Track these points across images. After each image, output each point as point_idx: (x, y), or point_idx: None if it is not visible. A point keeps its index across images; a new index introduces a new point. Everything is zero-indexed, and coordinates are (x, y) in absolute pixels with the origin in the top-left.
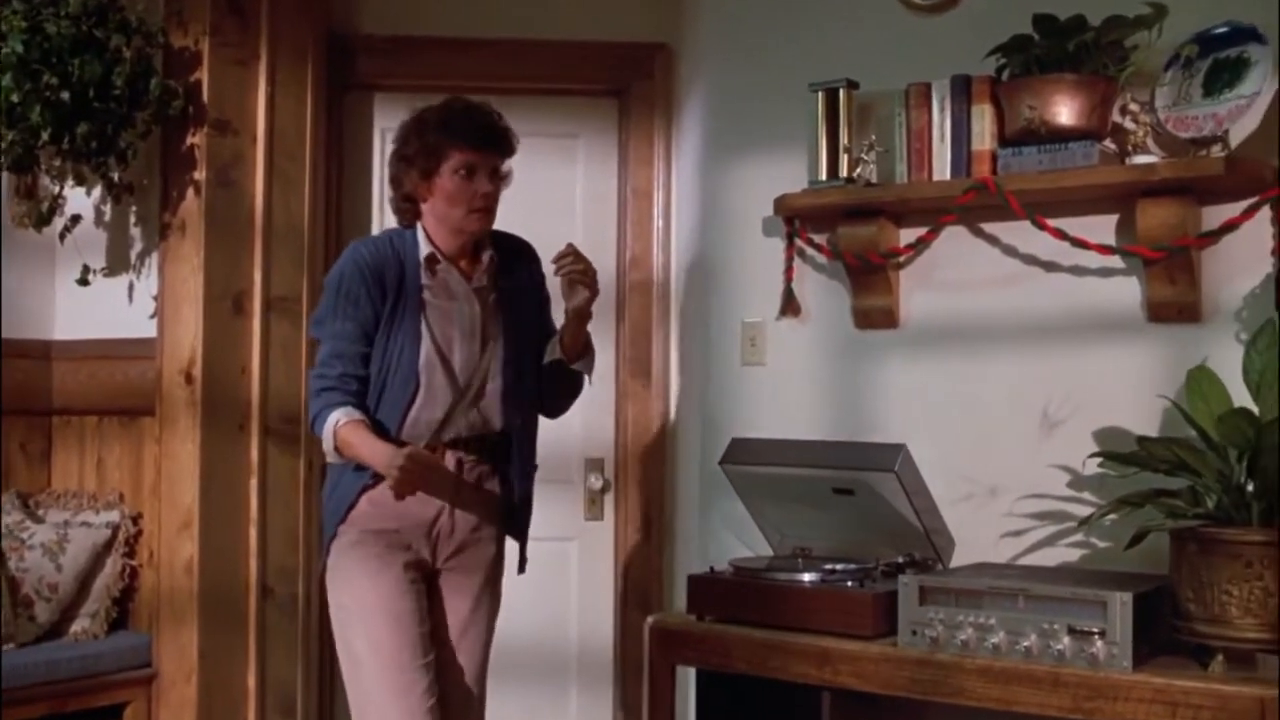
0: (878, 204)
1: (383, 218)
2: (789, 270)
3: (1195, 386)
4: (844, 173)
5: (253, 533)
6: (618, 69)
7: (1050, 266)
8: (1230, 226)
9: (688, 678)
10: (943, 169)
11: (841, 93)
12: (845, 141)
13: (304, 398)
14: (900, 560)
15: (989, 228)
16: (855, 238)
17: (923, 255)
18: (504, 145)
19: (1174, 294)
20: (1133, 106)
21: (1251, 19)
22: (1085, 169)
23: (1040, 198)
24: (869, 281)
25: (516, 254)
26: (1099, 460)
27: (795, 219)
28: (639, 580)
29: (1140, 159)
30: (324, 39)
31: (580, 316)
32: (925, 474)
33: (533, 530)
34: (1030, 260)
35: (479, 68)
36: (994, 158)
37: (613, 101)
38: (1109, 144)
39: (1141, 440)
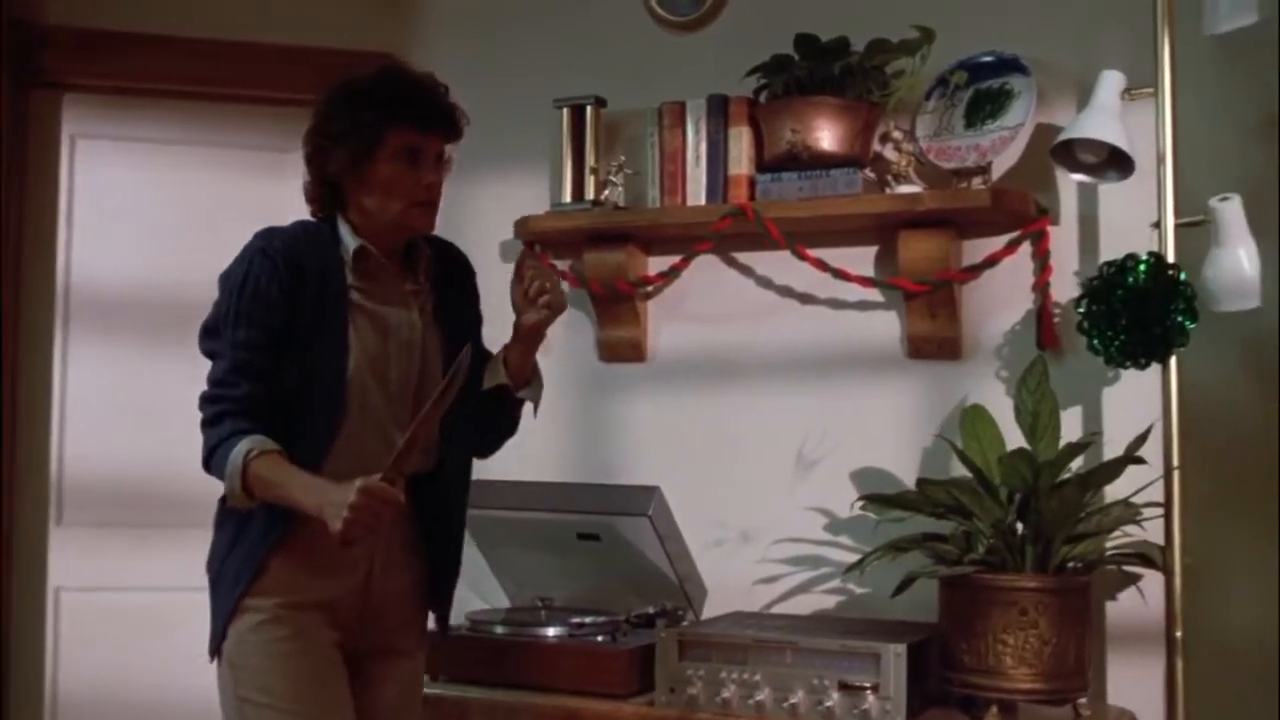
0: (626, 229)
1: (70, 231)
2: None
3: (969, 426)
4: (590, 195)
5: None
6: (335, 78)
7: (807, 299)
8: (992, 261)
9: None
10: (697, 193)
11: (588, 110)
12: (592, 162)
13: None
14: (651, 611)
15: (744, 257)
16: (602, 264)
17: (674, 284)
18: (452, 126)
19: (934, 329)
20: (895, 134)
21: (1015, 50)
22: (848, 197)
23: (800, 226)
24: (616, 312)
25: (452, 260)
26: (862, 504)
27: (536, 243)
28: None
29: (903, 189)
30: (4, 28)
31: (536, 336)
32: (674, 517)
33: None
34: (787, 292)
35: (182, 70)
36: (752, 183)
37: None
38: (869, 173)
39: (921, 482)
